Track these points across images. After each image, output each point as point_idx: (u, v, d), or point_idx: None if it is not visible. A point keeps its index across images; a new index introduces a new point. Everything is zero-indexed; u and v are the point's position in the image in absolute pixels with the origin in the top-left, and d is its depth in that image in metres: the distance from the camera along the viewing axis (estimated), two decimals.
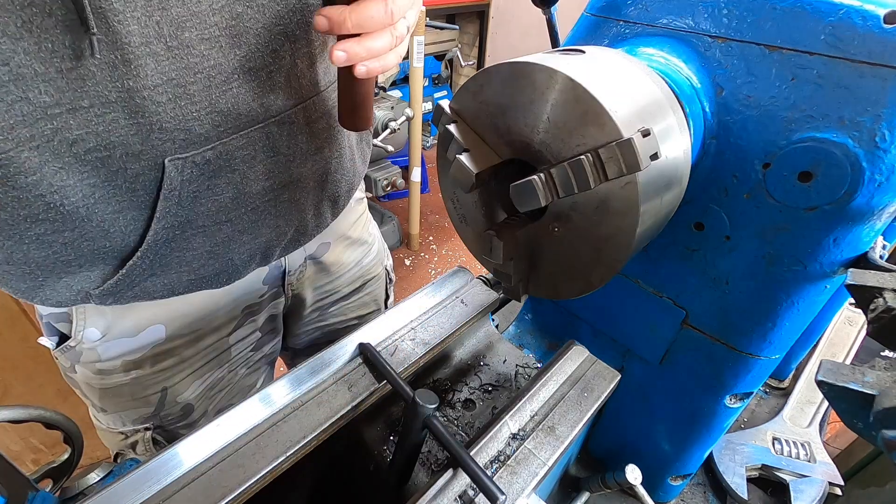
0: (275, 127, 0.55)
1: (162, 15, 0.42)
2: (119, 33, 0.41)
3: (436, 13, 3.18)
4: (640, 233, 0.37)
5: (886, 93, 0.36)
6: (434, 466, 0.58)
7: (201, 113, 0.48)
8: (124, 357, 0.64)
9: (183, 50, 0.45)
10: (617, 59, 0.41)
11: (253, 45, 0.49)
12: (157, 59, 0.44)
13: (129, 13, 0.40)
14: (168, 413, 0.72)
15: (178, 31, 0.44)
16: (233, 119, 0.51)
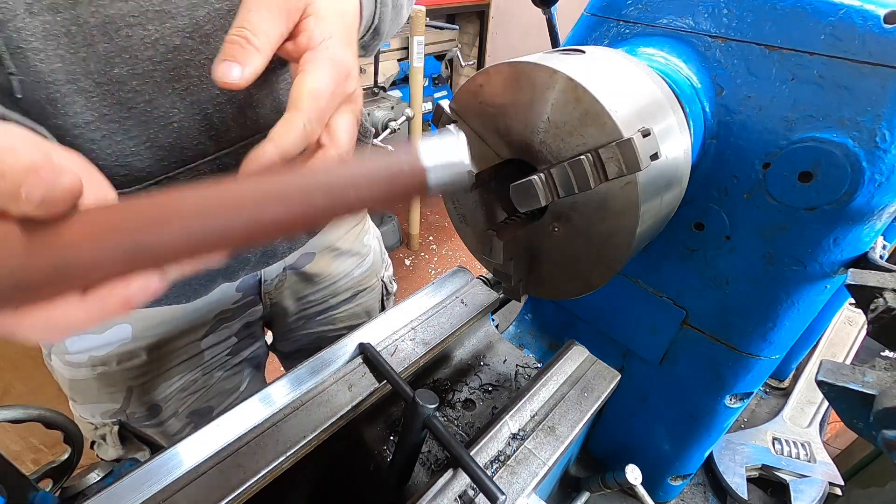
0: (228, 159, 0.53)
1: (88, 51, 0.41)
2: (42, 72, 0.40)
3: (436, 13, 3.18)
4: (640, 233, 0.37)
5: (886, 93, 0.36)
6: (434, 466, 0.58)
7: (140, 148, 0.47)
8: (91, 352, 0.64)
9: (114, 86, 0.43)
10: (617, 59, 0.41)
11: (195, 77, 0.47)
12: (87, 97, 0.42)
13: (52, 51, 0.39)
14: (134, 411, 0.71)
15: (107, 68, 0.42)
16: (177, 153, 0.49)
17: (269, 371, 0.92)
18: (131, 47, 0.42)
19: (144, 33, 0.43)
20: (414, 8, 2.08)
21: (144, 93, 0.45)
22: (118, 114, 0.44)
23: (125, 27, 0.42)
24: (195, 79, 0.47)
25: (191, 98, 0.48)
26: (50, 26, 0.39)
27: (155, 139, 0.47)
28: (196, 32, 0.46)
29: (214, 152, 0.52)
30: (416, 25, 2.11)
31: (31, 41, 0.38)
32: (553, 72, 0.35)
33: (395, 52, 2.81)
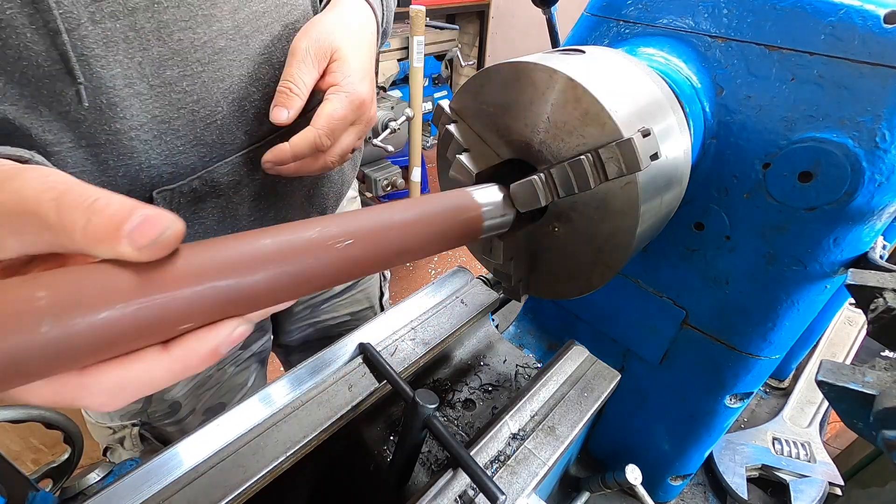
0: (258, 151, 0.55)
1: (143, 55, 0.43)
2: (103, 78, 0.41)
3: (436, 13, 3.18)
4: (640, 233, 0.37)
5: (886, 93, 0.36)
6: (434, 466, 0.58)
7: (187, 146, 0.49)
8: None
9: (166, 88, 0.45)
10: (617, 59, 0.41)
11: (236, 77, 0.50)
12: (142, 99, 0.44)
13: (112, 57, 0.41)
14: (155, 410, 0.72)
15: (160, 70, 0.44)
16: (217, 148, 0.52)
17: (269, 371, 0.92)
18: (182, 50, 0.45)
19: (194, 36, 0.46)
20: (414, 8, 2.08)
21: (193, 93, 0.47)
22: (169, 114, 0.47)
23: (177, 31, 0.44)
24: (237, 78, 0.51)
25: (233, 96, 0.51)
26: (111, 33, 0.41)
27: (201, 137, 0.50)
28: (237, 34, 0.49)
29: (247, 146, 0.55)
30: (416, 25, 2.10)
31: (94, 48, 0.40)
32: (553, 72, 0.35)
33: (395, 52, 2.81)
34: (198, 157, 0.51)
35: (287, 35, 0.54)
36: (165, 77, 0.45)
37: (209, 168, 0.52)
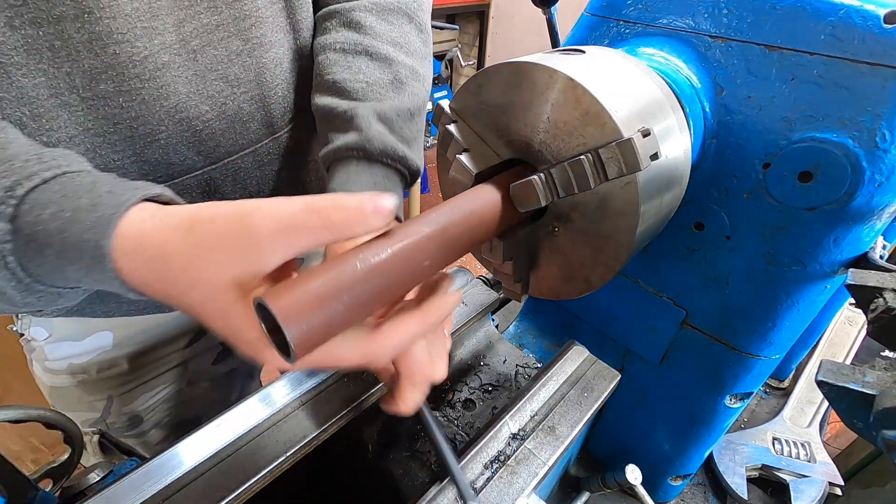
0: (216, 173, 0.52)
1: (73, 66, 0.40)
2: (24, 87, 0.39)
3: (436, 13, 3.18)
4: (640, 233, 0.37)
5: (886, 93, 0.36)
6: (434, 466, 0.58)
7: (126, 161, 0.46)
8: (70, 360, 0.63)
9: (99, 101, 0.42)
10: (617, 59, 0.41)
11: (183, 94, 0.46)
12: (71, 111, 0.41)
13: (35, 65, 0.38)
14: (114, 421, 0.70)
15: (93, 83, 0.41)
16: (164, 168, 0.48)
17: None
18: (119, 64, 0.42)
19: (133, 50, 0.42)
20: None
21: (131, 109, 0.44)
22: (103, 128, 0.43)
23: (112, 44, 0.41)
24: (184, 95, 0.46)
25: (179, 115, 0.47)
26: (32, 40, 0.38)
27: (141, 154, 0.46)
28: (183, 48, 0.45)
29: (202, 167, 0.51)
30: None
31: (13, 55, 0.37)
32: (553, 72, 0.35)
33: None
34: (139, 173, 0.47)
35: (249, 50, 0.50)
36: (99, 91, 0.42)
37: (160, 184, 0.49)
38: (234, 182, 0.55)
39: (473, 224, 0.34)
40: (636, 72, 0.40)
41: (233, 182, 0.54)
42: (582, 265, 0.41)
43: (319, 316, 0.26)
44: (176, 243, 0.29)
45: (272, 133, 0.56)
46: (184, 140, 0.48)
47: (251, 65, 0.51)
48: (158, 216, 0.30)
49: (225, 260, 0.28)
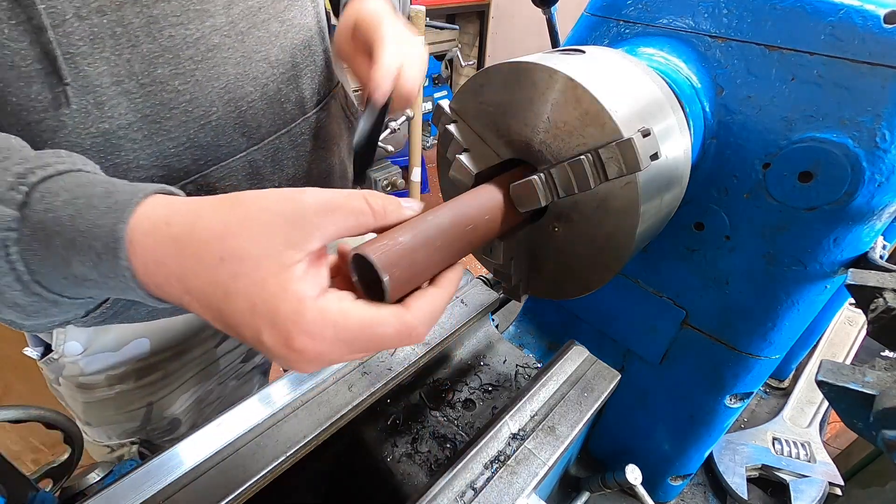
0: (258, 154, 0.54)
1: (132, 52, 0.41)
2: (89, 76, 0.39)
3: (436, 13, 3.18)
4: (640, 233, 0.37)
5: (886, 93, 0.36)
6: (434, 466, 0.58)
7: (180, 148, 0.47)
8: (108, 371, 0.63)
9: (156, 86, 0.43)
10: (617, 59, 0.41)
11: (231, 75, 0.48)
12: (130, 98, 0.42)
13: (98, 54, 0.39)
14: (154, 427, 0.70)
15: (150, 68, 0.42)
16: (213, 151, 0.50)
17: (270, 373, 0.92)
18: (174, 47, 0.43)
19: (186, 32, 0.44)
20: (414, 8, 2.08)
21: (186, 92, 0.45)
22: (160, 114, 0.45)
23: (168, 27, 0.42)
24: (232, 76, 0.48)
25: (228, 96, 0.49)
26: (97, 29, 0.39)
27: (194, 139, 0.48)
28: (232, 30, 0.47)
29: (246, 149, 0.53)
30: (416, 25, 2.10)
31: (80, 45, 0.38)
32: (553, 72, 0.35)
33: None
34: (192, 159, 0.49)
35: (285, 32, 0.53)
36: (156, 75, 0.43)
37: (204, 172, 0.50)
38: (273, 163, 0.57)
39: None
40: (636, 72, 0.40)
41: (272, 163, 0.56)
42: (582, 265, 0.41)
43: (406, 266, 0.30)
44: (212, 217, 0.29)
45: (303, 113, 0.58)
46: (231, 121, 0.50)
47: (287, 46, 0.53)
48: (188, 199, 0.30)
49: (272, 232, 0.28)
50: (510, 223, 0.40)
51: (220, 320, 0.29)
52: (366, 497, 0.63)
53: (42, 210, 0.29)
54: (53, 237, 0.29)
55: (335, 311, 0.28)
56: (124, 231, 0.28)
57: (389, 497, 0.56)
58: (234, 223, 0.28)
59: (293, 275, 0.27)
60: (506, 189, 0.38)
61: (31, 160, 0.30)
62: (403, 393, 0.64)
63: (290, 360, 0.29)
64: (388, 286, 0.29)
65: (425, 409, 0.64)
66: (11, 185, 0.29)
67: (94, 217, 0.28)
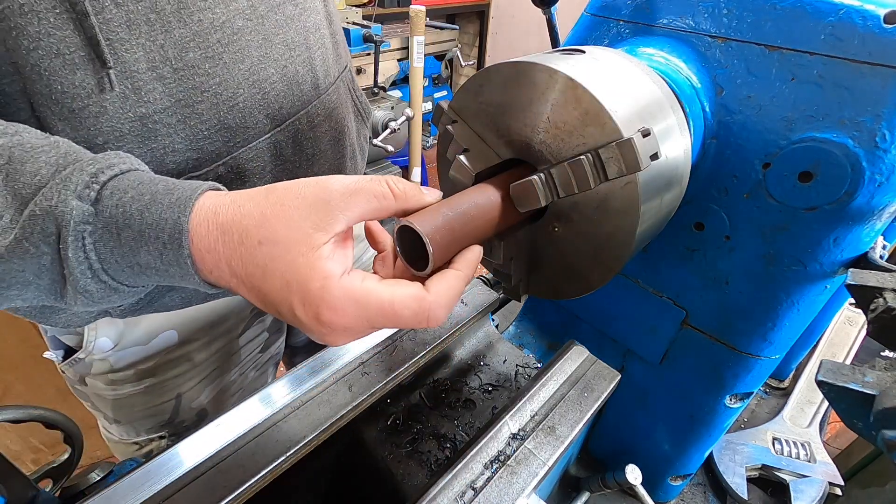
0: (281, 135, 0.55)
1: (166, 37, 0.42)
2: (127, 62, 0.41)
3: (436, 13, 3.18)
4: (640, 233, 0.37)
5: (886, 93, 0.36)
6: (434, 466, 0.58)
7: (211, 131, 0.49)
8: (137, 366, 0.64)
9: (189, 70, 0.45)
10: (617, 59, 0.41)
11: (255, 57, 0.50)
12: (165, 83, 0.44)
13: (135, 40, 0.41)
14: (183, 420, 0.71)
15: (183, 52, 0.44)
16: (241, 133, 0.51)
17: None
18: (203, 31, 0.45)
19: (213, 16, 0.45)
20: (414, 8, 2.08)
21: (215, 75, 0.47)
22: (192, 98, 0.46)
23: (197, 11, 0.44)
24: (255, 59, 0.50)
25: (253, 77, 0.50)
26: (133, 16, 0.40)
27: (224, 121, 0.49)
28: (253, 13, 0.49)
29: (270, 130, 0.54)
30: (416, 25, 2.10)
31: (119, 31, 0.40)
32: (553, 72, 0.35)
33: (395, 52, 2.81)
34: (222, 141, 0.50)
35: (298, 14, 0.54)
36: (188, 59, 0.44)
37: (233, 154, 0.51)
38: (294, 144, 0.58)
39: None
40: (636, 72, 0.40)
41: (293, 144, 0.58)
42: (582, 265, 0.41)
43: (446, 236, 0.34)
44: (250, 206, 0.32)
45: (318, 95, 0.60)
46: (256, 103, 0.52)
47: (301, 28, 0.55)
48: (231, 192, 0.34)
49: (301, 217, 0.31)
50: (510, 222, 0.40)
51: (261, 299, 0.33)
52: (366, 497, 0.63)
53: (113, 205, 0.32)
54: (123, 230, 0.32)
55: (358, 289, 0.31)
56: (187, 223, 0.31)
57: (389, 497, 0.56)
58: (269, 210, 0.32)
59: (321, 255, 0.31)
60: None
61: (100, 161, 0.33)
62: (403, 393, 0.65)
63: (321, 332, 0.32)
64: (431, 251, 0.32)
65: (425, 409, 0.64)
66: (87, 183, 0.31)
67: (159, 211, 0.32)
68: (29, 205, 0.31)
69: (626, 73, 0.39)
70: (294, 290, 0.31)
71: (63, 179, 0.31)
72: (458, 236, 0.35)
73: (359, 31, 2.32)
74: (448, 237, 0.34)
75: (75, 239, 0.31)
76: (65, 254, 0.31)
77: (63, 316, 0.51)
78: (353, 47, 2.38)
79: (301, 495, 0.60)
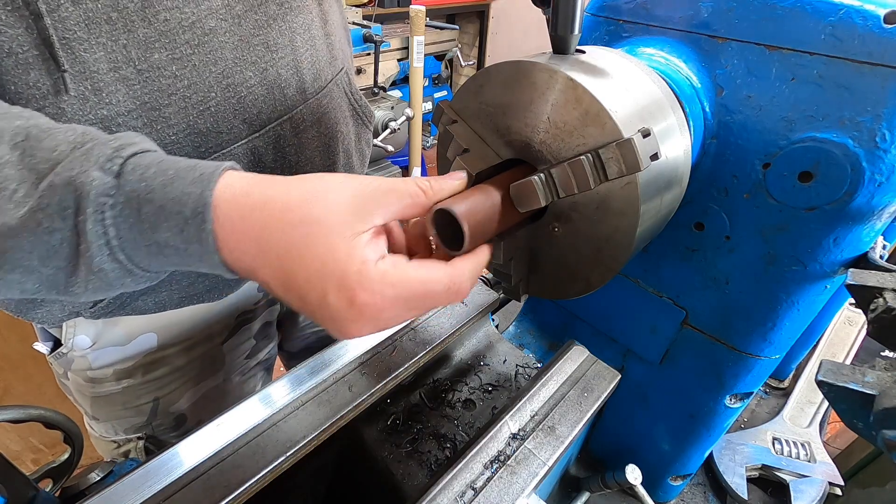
0: (259, 141, 0.53)
1: (128, 37, 0.41)
2: (86, 62, 0.39)
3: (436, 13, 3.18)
4: (641, 233, 0.37)
5: (886, 93, 0.36)
6: (434, 466, 0.58)
7: (179, 136, 0.47)
8: (115, 366, 0.63)
9: (154, 72, 0.43)
10: (617, 59, 0.41)
11: (229, 60, 0.48)
12: (129, 84, 0.42)
13: (95, 39, 0.39)
14: (161, 423, 0.70)
15: (147, 53, 0.42)
16: (213, 137, 0.49)
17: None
18: (170, 31, 0.43)
19: (182, 16, 0.43)
20: (414, 8, 2.08)
21: (183, 77, 0.45)
22: (158, 101, 0.44)
23: (163, 10, 0.42)
24: (230, 61, 0.48)
25: (226, 81, 0.48)
26: (92, 14, 0.39)
27: (194, 125, 0.48)
28: (229, 13, 0.47)
29: (247, 136, 0.52)
30: (416, 25, 2.10)
31: (76, 31, 0.38)
32: (553, 71, 0.35)
33: (395, 52, 2.81)
34: (192, 146, 0.48)
35: (283, 15, 0.52)
36: (153, 61, 0.42)
37: (205, 160, 0.50)
38: (276, 150, 0.56)
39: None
40: (636, 72, 0.40)
41: (274, 150, 0.56)
42: (582, 265, 0.41)
43: (480, 221, 0.36)
44: (285, 189, 0.32)
45: (305, 99, 0.58)
46: (230, 107, 0.50)
47: (285, 29, 0.52)
48: (261, 175, 0.34)
49: (345, 203, 0.32)
50: (510, 223, 0.40)
51: (286, 282, 0.32)
52: (366, 497, 0.63)
53: (135, 179, 0.31)
54: (144, 205, 0.31)
55: (393, 273, 0.32)
56: (211, 198, 0.31)
57: (389, 497, 0.56)
58: (310, 194, 0.32)
59: (360, 241, 0.31)
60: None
61: (121, 138, 0.33)
62: (403, 393, 0.65)
63: (350, 318, 0.32)
64: (467, 238, 0.35)
65: (425, 409, 0.64)
66: (109, 156, 0.31)
67: (182, 186, 0.31)
68: (47, 177, 0.30)
69: (627, 74, 0.39)
70: (330, 272, 0.31)
71: (85, 152, 0.31)
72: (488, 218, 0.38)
73: (359, 31, 2.32)
74: (481, 216, 0.37)
75: (95, 211, 0.30)
76: (82, 227, 0.30)
77: (40, 312, 0.50)
78: (354, 47, 2.38)
79: (301, 495, 0.60)
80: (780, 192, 0.42)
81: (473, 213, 0.36)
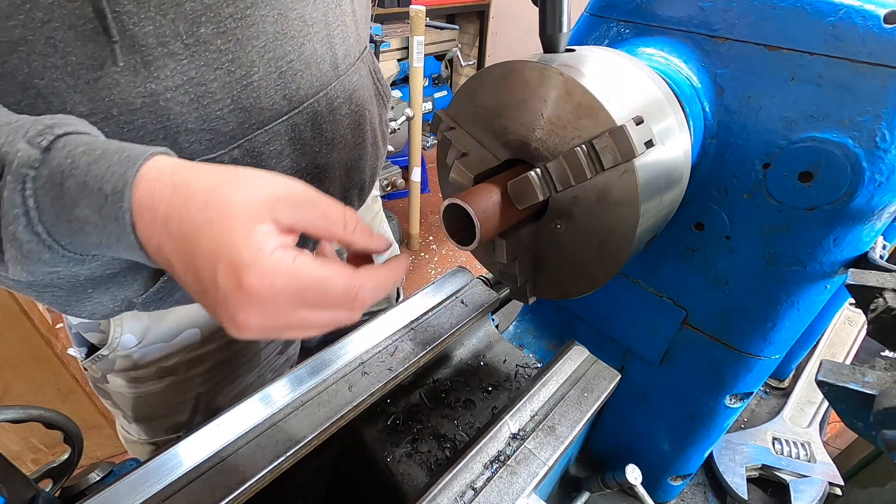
0: (299, 118, 0.54)
1: (176, 11, 0.41)
2: (136, 35, 0.40)
3: (436, 13, 3.18)
4: (641, 231, 0.37)
5: (886, 93, 0.36)
6: (434, 466, 0.58)
7: (225, 111, 0.48)
8: (159, 363, 0.64)
9: (200, 46, 0.44)
10: (616, 58, 0.41)
11: (270, 34, 0.48)
12: (176, 59, 0.43)
13: (144, 13, 0.40)
14: (202, 421, 0.71)
15: (194, 27, 0.43)
16: (256, 114, 0.50)
17: None
18: (215, 5, 0.43)
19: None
20: (414, 8, 2.08)
21: (228, 52, 0.45)
22: (204, 76, 0.45)
23: None
24: (271, 35, 0.48)
25: (268, 56, 0.49)
26: None
27: (237, 100, 0.48)
28: None
29: (287, 112, 0.53)
30: (416, 25, 2.10)
31: (126, 4, 0.39)
32: (543, 68, 0.35)
33: (395, 52, 2.81)
34: (237, 122, 0.49)
35: None
36: (199, 35, 0.43)
37: (249, 136, 0.50)
38: (313, 127, 0.57)
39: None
40: (636, 71, 0.40)
41: (312, 127, 0.56)
42: (587, 261, 0.41)
43: (489, 218, 0.37)
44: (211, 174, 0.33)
45: (338, 75, 0.58)
46: (272, 83, 0.50)
47: (320, 4, 0.53)
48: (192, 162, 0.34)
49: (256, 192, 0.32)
50: (510, 221, 0.40)
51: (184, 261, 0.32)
52: (366, 497, 0.63)
53: (62, 157, 0.32)
54: (68, 179, 0.32)
55: (289, 263, 0.32)
56: (133, 176, 0.31)
57: (389, 497, 0.56)
58: (227, 179, 0.33)
59: (259, 229, 0.31)
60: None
61: (59, 118, 0.33)
62: (403, 393, 0.65)
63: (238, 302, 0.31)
64: (480, 233, 0.36)
65: (425, 409, 0.64)
66: (40, 131, 0.32)
67: (106, 164, 0.32)
68: None
69: (626, 73, 0.39)
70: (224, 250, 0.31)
71: (17, 128, 0.32)
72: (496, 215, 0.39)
73: None
74: (489, 213, 0.38)
75: (14, 179, 0.31)
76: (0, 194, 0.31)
77: (89, 305, 0.50)
78: None
79: (301, 495, 0.60)
80: (780, 192, 0.42)
81: (485, 210, 0.37)
